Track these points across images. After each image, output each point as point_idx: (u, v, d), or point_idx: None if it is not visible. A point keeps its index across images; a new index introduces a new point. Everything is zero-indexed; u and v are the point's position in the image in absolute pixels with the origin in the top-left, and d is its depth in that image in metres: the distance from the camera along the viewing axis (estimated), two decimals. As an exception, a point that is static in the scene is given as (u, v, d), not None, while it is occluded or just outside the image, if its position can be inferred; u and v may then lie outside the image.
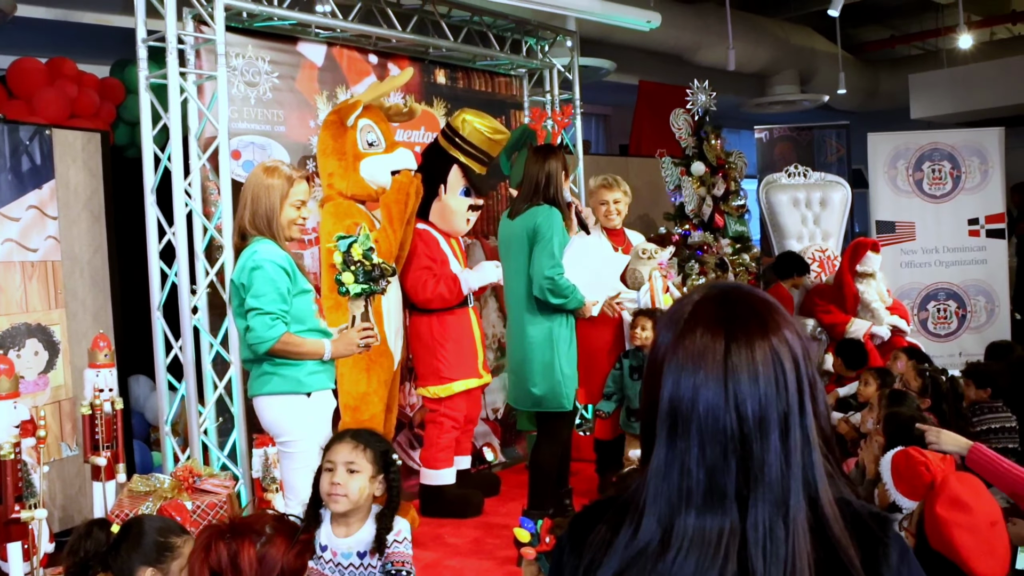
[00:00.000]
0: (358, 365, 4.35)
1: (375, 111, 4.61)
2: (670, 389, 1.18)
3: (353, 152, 4.46)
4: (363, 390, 4.38)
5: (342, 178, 4.47)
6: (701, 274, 6.77)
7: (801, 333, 1.21)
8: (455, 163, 4.91)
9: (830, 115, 12.80)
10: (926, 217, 8.47)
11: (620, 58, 9.67)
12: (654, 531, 1.16)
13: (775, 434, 1.14)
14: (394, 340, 4.56)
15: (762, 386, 1.15)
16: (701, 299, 1.23)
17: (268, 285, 3.32)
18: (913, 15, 12.56)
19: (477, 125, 4.87)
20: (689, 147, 6.95)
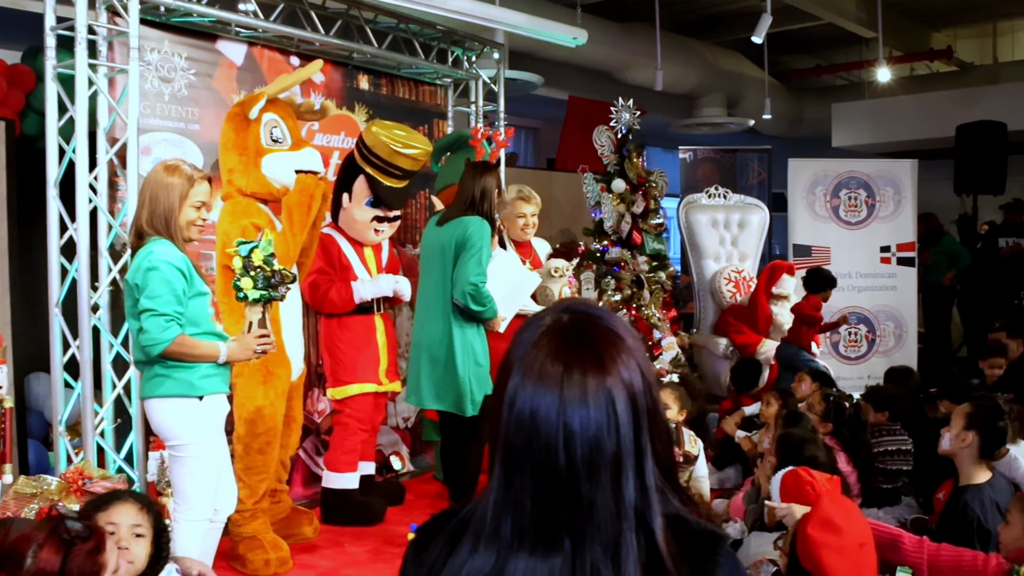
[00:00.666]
0: (254, 377, 4.21)
1: (283, 106, 4.47)
2: (506, 416, 1.19)
3: (256, 147, 4.27)
4: (259, 403, 4.23)
5: (242, 174, 4.27)
6: (617, 290, 6.82)
7: (644, 367, 1.20)
8: (361, 173, 4.85)
9: (756, 139, 13.05)
10: (841, 243, 8.68)
11: (550, 73, 9.74)
12: (489, 566, 1.17)
13: (606, 475, 1.14)
14: (293, 349, 4.43)
15: (593, 427, 1.14)
16: (548, 328, 1.23)
17: (163, 286, 3.25)
18: (839, 46, 12.87)
19: (383, 138, 4.75)
20: (611, 164, 7.00)
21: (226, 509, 3.63)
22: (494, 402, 1.24)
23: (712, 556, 1.20)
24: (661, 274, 6.99)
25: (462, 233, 4.60)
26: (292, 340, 4.41)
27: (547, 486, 1.14)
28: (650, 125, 12.07)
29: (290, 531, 4.56)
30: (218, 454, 3.47)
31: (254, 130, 4.28)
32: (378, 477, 5.58)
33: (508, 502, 1.17)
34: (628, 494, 1.15)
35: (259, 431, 4.24)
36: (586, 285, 6.99)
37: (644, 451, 1.17)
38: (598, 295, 6.89)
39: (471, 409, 4.59)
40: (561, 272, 5.15)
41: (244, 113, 4.28)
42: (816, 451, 3.80)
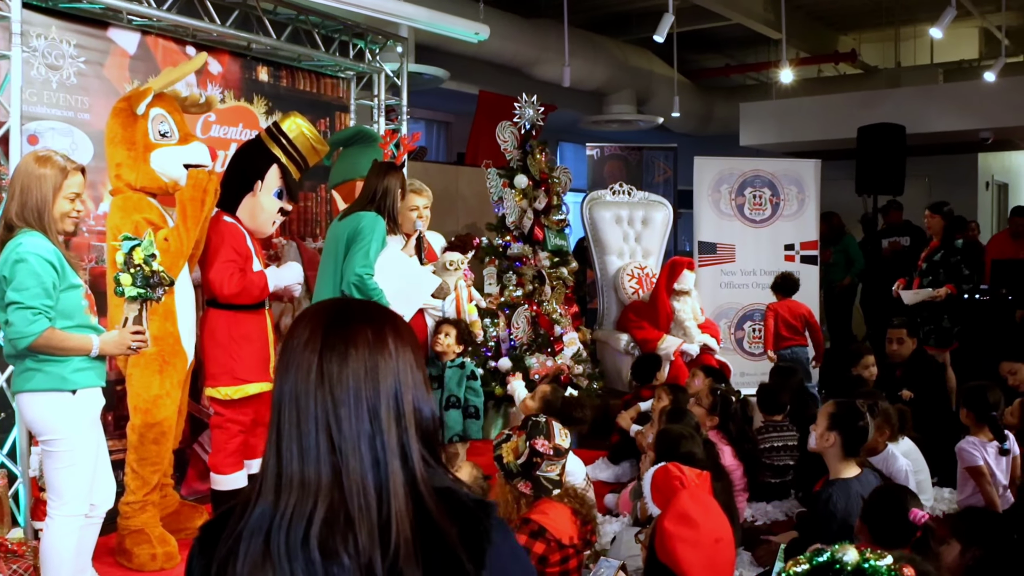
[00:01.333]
0: (150, 367, 4.20)
1: (170, 100, 4.45)
2: (277, 384, 1.37)
3: (144, 142, 4.25)
4: (155, 392, 4.23)
5: (131, 169, 4.25)
6: (519, 285, 6.90)
7: (409, 340, 1.39)
8: (275, 162, 4.83)
9: (666, 137, 13.25)
10: (746, 240, 8.84)
11: (459, 67, 9.77)
12: (268, 502, 1.31)
13: (364, 410, 1.32)
14: (187, 340, 4.42)
15: (352, 373, 1.33)
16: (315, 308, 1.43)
17: (31, 279, 3.21)
18: (748, 46, 13.16)
19: (305, 130, 4.83)
20: (514, 160, 7.06)
21: (104, 504, 3.59)
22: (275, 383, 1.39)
23: (483, 519, 1.32)
24: (563, 270, 7.08)
25: (355, 227, 4.70)
26: (186, 331, 4.40)
27: (310, 427, 1.33)
28: (563, 121, 12.20)
29: (179, 526, 4.54)
30: (93, 448, 3.43)
31: (141, 125, 4.26)
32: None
33: (272, 455, 1.35)
34: (389, 433, 1.33)
35: (154, 420, 4.23)
36: (488, 280, 7.05)
37: (403, 404, 1.35)
38: (499, 290, 6.96)
39: None
40: (456, 265, 5.21)
41: (131, 108, 4.24)
42: (693, 447, 3.90)
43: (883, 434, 4.66)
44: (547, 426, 3.44)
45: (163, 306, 4.18)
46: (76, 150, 4.69)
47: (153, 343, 4.12)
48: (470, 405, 5.10)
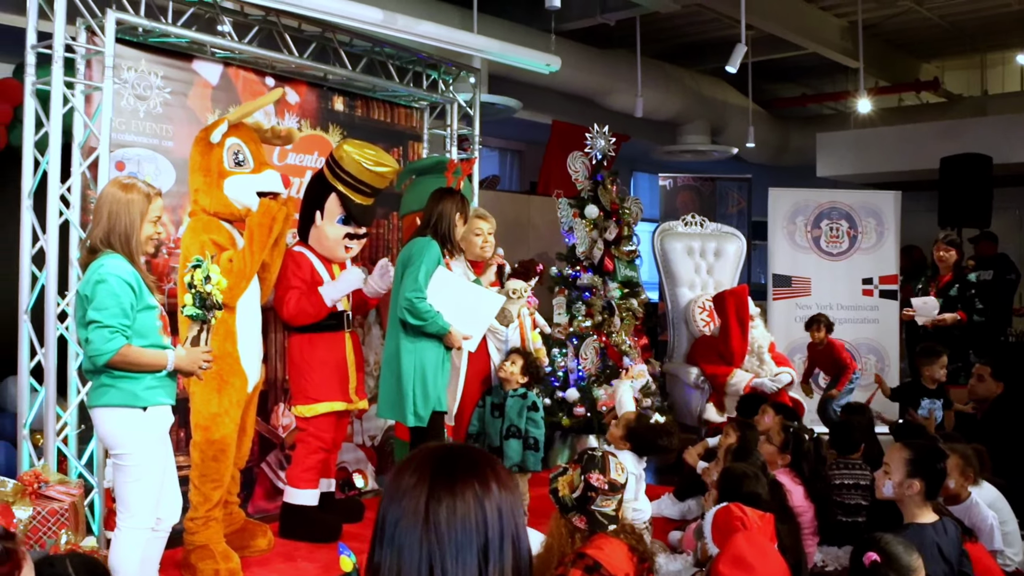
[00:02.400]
0: (209, 385, 4.35)
1: (247, 131, 4.62)
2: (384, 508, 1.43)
3: (218, 170, 4.44)
4: (214, 410, 4.38)
5: (206, 195, 4.44)
6: (588, 316, 6.91)
7: (511, 485, 1.45)
8: (333, 191, 4.97)
9: (740, 167, 13.16)
10: (822, 273, 8.71)
11: (533, 97, 9.85)
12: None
13: (469, 556, 1.38)
14: (249, 361, 4.53)
15: (460, 521, 1.39)
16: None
17: (111, 299, 3.34)
18: (826, 75, 13.01)
19: (356, 156, 4.92)
20: (585, 190, 7.10)
21: (169, 518, 3.70)
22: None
23: None
24: (632, 301, 7.08)
25: (407, 253, 4.81)
26: (248, 352, 4.52)
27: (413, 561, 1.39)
28: (637, 150, 12.22)
29: (243, 543, 4.64)
30: (161, 464, 3.55)
31: (217, 153, 4.44)
32: (340, 494, 5.66)
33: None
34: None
35: (214, 438, 4.37)
36: (557, 310, 7.08)
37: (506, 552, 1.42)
38: (568, 320, 6.98)
39: (412, 420, 4.71)
40: (519, 293, 5.23)
41: (207, 137, 4.44)
42: (757, 487, 3.83)
43: (967, 479, 4.51)
44: (603, 460, 3.43)
45: (223, 326, 4.34)
46: (160, 175, 4.87)
47: (214, 361, 4.27)
48: (530, 436, 5.10)
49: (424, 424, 4.72)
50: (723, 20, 10.30)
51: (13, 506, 3.73)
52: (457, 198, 4.94)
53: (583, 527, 3.39)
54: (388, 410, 4.83)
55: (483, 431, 5.22)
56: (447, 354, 4.84)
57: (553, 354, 6.95)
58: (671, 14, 9.86)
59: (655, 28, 10.48)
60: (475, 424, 5.23)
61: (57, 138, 4.34)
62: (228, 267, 4.23)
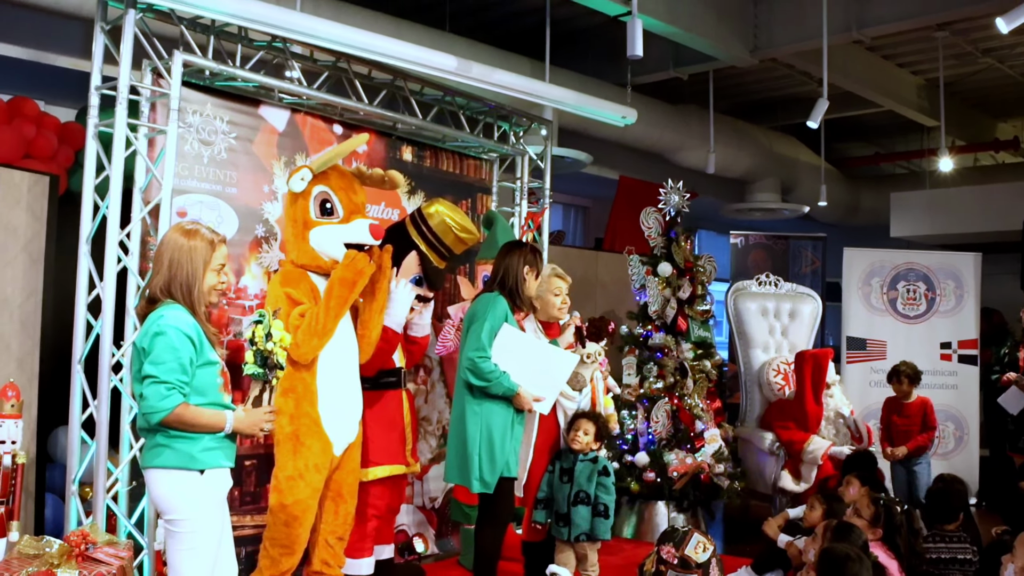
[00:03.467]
0: (285, 446, 4.11)
1: (337, 178, 4.35)
2: None
3: (303, 219, 4.23)
4: (288, 473, 4.11)
5: (293, 246, 4.26)
6: (659, 377, 6.61)
7: None
8: (415, 249, 4.75)
9: (811, 226, 12.83)
10: (898, 337, 8.41)
11: (601, 151, 9.68)
12: None
13: None
14: (333, 423, 4.24)
15: None
16: None
17: (168, 353, 3.13)
18: (899, 134, 12.71)
19: (447, 219, 4.72)
20: (658, 247, 6.84)
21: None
22: None
23: None
24: (706, 362, 6.77)
25: (473, 309, 4.59)
26: (332, 413, 4.24)
27: None
28: (702, 208, 11.95)
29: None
30: (217, 531, 3.30)
31: (302, 202, 4.24)
32: (399, 559, 5.38)
33: None
34: None
35: (286, 502, 4.10)
36: (627, 371, 6.79)
37: None
38: (639, 381, 6.68)
39: (477, 486, 4.43)
40: (593, 357, 4.92)
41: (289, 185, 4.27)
42: (861, 571, 3.51)
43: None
44: (684, 535, 3.17)
45: (303, 385, 4.11)
46: (222, 223, 4.71)
47: (290, 423, 4.04)
48: (600, 503, 4.80)
49: (490, 491, 4.43)
50: (795, 76, 10.09)
51: (58, 569, 3.51)
52: (526, 251, 4.68)
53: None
54: (454, 474, 4.55)
55: (551, 496, 4.92)
56: (518, 417, 4.55)
57: (623, 416, 6.65)
58: (744, 70, 9.66)
59: (727, 84, 10.28)
60: (544, 489, 4.93)
61: (118, 182, 4.19)
62: (298, 322, 4.01)
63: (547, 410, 4.65)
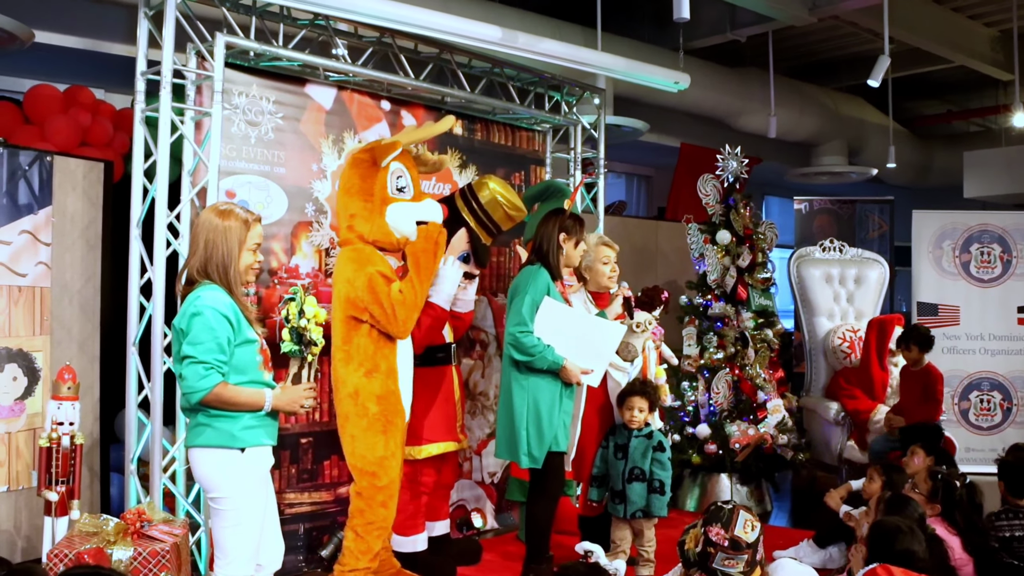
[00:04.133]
0: (374, 427, 4.10)
1: (407, 157, 4.38)
2: None
3: (382, 195, 4.17)
4: (381, 453, 4.11)
5: (366, 221, 4.17)
6: (720, 347, 6.49)
7: None
8: (464, 226, 4.69)
9: (880, 189, 12.49)
10: (972, 301, 8.13)
11: (660, 119, 9.52)
12: None
13: None
14: (407, 399, 4.31)
15: None
16: None
17: (206, 333, 3.14)
18: (972, 90, 12.25)
19: (499, 197, 4.64)
20: (716, 214, 6.70)
21: (271, 565, 3.48)
22: None
23: None
24: (768, 332, 6.63)
25: (515, 283, 4.55)
26: (406, 389, 4.29)
27: None
28: (768, 174, 11.72)
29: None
30: (260, 508, 3.33)
31: (382, 178, 4.19)
32: (458, 534, 5.39)
33: None
34: None
35: (381, 484, 4.13)
36: (687, 341, 6.69)
37: None
38: (699, 352, 6.58)
39: (526, 461, 4.42)
40: (643, 326, 4.82)
41: (374, 160, 4.17)
42: (913, 544, 3.39)
43: None
44: (730, 514, 3.09)
45: (387, 364, 4.13)
46: (271, 203, 4.73)
47: (377, 403, 4.07)
48: (655, 479, 4.73)
49: (539, 466, 4.42)
50: (860, 35, 9.76)
51: (114, 545, 3.58)
52: (562, 218, 4.62)
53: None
54: (504, 450, 4.54)
55: (606, 472, 4.87)
56: (565, 391, 4.50)
57: (683, 387, 6.56)
58: (805, 30, 9.39)
59: (788, 45, 10.01)
60: (598, 466, 4.89)
61: (165, 165, 4.23)
62: (400, 299, 4.03)
63: (596, 382, 4.59)
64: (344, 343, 4.09)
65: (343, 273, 4.13)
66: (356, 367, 4.08)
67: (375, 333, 4.09)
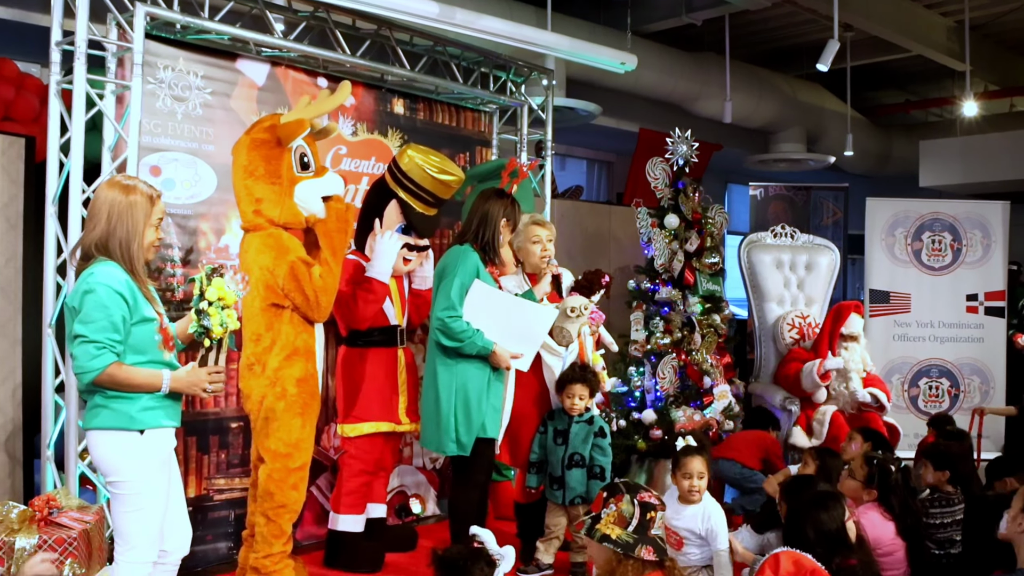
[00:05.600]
0: (292, 410, 3.96)
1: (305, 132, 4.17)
2: None
3: (288, 176, 3.98)
4: (297, 436, 3.99)
5: (275, 204, 3.96)
6: (666, 332, 6.42)
7: None
8: (394, 198, 4.62)
9: (840, 177, 12.49)
10: (923, 289, 8.17)
11: (618, 103, 9.42)
12: None
13: None
14: (321, 382, 4.20)
15: None
16: None
17: (99, 311, 3.01)
18: (932, 80, 12.26)
19: (419, 161, 4.54)
20: (665, 198, 6.62)
21: (177, 551, 3.36)
22: None
23: None
24: (715, 317, 6.57)
25: (443, 263, 4.38)
26: (320, 371, 4.17)
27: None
28: (729, 161, 11.65)
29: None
30: (162, 492, 3.20)
31: (287, 157, 4.00)
32: (396, 520, 5.30)
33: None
34: None
35: (296, 465, 4.01)
36: (635, 326, 6.62)
37: None
38: (646, 337, 6.51)
39: (453, 448, 4.28)
40: (578, 311, 4.67)
41: (277, 140, 3.97)
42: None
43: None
44: (635, 484, 3.11)
45: (306, 347, 4.02)
46: (199, 182, 4.60)
47: (296, 385, 3.95)
48: (595, 464, 4.63)
49: (467, 453, 4.29)
50: (819, 22, 9.71)
51: (18, 534, 3.45)
52: (506, 201, 4.46)
53: (653, 558, 3.02)
54: (429, 439, 4.38)
55: (544, 459, 4.78)
56: (494, 375, 4.38)
57: (630, 373, 6.49)
58: (764, 15, 9.32)
59: (748, 31, 9.94)
60: (536, 452, 4.78)
61: (80, 140, 4.08)
62: (322, 285, 3.91)
63: (526, 367, 4.47)
64: (267, 330, 3.95)
65: (259, 260, 3.93)
66: (278, 352, 3.95)
67: (296, 318, 3.97)
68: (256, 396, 3.96)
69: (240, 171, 4.03)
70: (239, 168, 4.03)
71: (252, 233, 4.03)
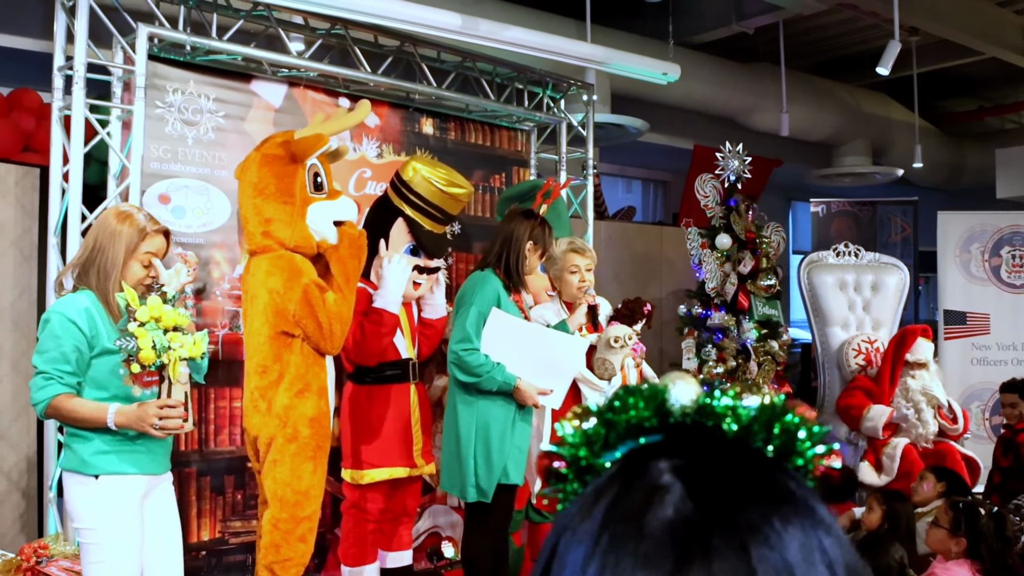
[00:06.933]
0: (303, 453, 3.61)
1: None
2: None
3: (302, 196, 3.67)
4: (307, 484, 3.63)
5: (286, 225, 3.63)
6: (719, 361, 6.03)
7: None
8: (400, 216, 4.23)
9: (908, 191, 11.90)
10: (1003, 308, 7.65)
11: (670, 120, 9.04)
12: None
13: None
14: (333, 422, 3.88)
15: None
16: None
17: (50, 341, 2.81)
18: (1006, 85, 11.63)
19: (426, 174, 4.18)
20: (716, 217, 6.24)
21: None
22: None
23: None
24: (772, 343, 6.15)
25: (460, 293, 4.04)
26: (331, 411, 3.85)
27: None
28: (791, 177, 11.17)
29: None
30: (127, 545, 2.92)
31: (301, 175, 3.69)
32: (429, 564, 4.98)
33: None
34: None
35: (303, 515, 3.65)
36: (686, 354, 6.23)
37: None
38: (698, 366, 6.12)
39: (473, 494, 3.91)
40: (622, 341, 4.31)
41: (291, 156, 3.68)
42: None
43: None
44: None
45: (317, 381, 3.68)
46: (211, 209, 4.37)
47: (310, 425, 3.62)
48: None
49: (488, 499, 3.91)
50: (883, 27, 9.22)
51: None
52: (533, 222, 4.09)
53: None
54: (449, 481, 4.04)
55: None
56: (520, 414, 4.00)
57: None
58: (823, 24, 8.88)
59: (804, 40, 9.50)
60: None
61: (78, 167, 3.89)
62: (336, 313, 3.58)
63: (558, 404, 4.09)
64: (275, 361, 3.61)
65: (268, 283, 3.60)
66: (287, 386, 3.62)
67: (307, 349, 3.64)
68: (264, 437, 3.64)
69: (249, 189, 3.70)
70: (247, 186, 3.71)
71: (260, 255, 3.70)
